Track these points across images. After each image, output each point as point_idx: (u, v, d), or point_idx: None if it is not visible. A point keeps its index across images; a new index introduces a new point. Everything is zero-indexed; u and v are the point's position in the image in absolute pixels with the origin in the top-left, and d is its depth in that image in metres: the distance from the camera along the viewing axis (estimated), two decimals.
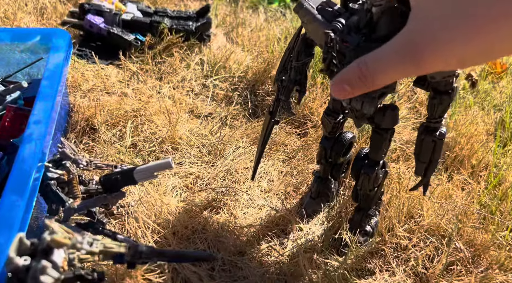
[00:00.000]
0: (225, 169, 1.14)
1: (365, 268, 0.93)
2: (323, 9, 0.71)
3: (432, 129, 0.75)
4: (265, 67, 1.51)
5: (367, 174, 0.84)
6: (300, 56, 0.81)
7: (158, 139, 1.20)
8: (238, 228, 0.97)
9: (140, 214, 0.93)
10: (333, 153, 0.95)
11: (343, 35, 0.65)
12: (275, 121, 0.92)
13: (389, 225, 0.98)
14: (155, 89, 1.42)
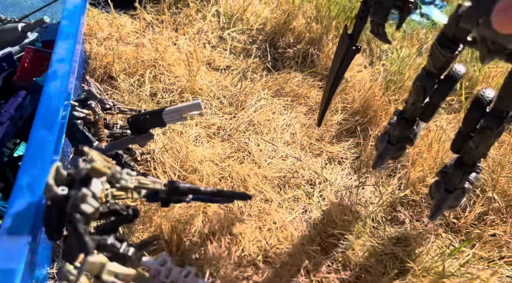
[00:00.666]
0: (247, 121, 1.11)
1: (394, 218, 0.92)
2: None
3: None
4: (285, 19, 1.45)
5: (490, 128, 0.63)
6: None
7: (178, 89, 1.16)
8: (264, 176, 0.95)
9: (166, 160, 0.91)
10: (436, 94, 0.70)
11: None
12: (356, 48, 0.69)
13: (421, 175, 0.96)
14: (171, 40, 1.37)
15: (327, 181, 1.00)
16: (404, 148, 0.80)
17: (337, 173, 1.02)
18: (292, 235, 0.81)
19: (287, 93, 1.23)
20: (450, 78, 0.68)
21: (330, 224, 0.85)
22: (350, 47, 0.68)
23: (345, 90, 1.22)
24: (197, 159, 0.92)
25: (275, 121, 1.13)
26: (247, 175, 0.92)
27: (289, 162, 1.02)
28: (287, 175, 0.98)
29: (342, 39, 0.70)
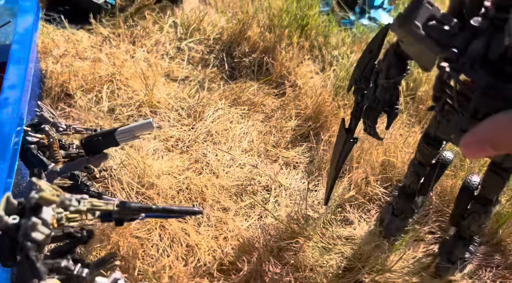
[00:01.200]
0: (205, 131, 1.15)
1: (344, 218, 0.98)
2: (433, 27, 0.52)
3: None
4: (240, 28, 1.49)
5: (478, 213, 0.74)
6: (391, 72, 0.62)
7: (136, 103, 1.19)
8: (221, 186, 0.99)
9: (123, 176, 0.94)
10: (429, 177, 0.81)
11: (465, 68, 0.50)
12: (354, 140, 0.74)
13: (365, 176, 1.03)
14: (129, 53, 1.40)
15: (282, 186, 1.05)
16: (408, 219, 0.89)
17: (291, 177, 1.08)
18: (247, 242, 0.85)
19: (244, 102, 1.28)
20: (440, 164, 0.79)
21: (283, 228, 0.90)
22: (347, 140, 0.74)
23: (298, 97, 1.28)
24: (155, 173, 0.95)
25: (232, 130, 1.18)
26: (205, 186, 0.96)
27: (246, 170, 1.07)
28: (244, 183, 1.03)
29: (340, 132, 0.76)
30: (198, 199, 0.93)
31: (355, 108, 0.73)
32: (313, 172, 1.10)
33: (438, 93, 0.61)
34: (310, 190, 1.04)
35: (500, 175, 0.67)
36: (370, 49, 0.67)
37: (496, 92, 0.49)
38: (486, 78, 0.48)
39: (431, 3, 0.55)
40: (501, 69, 0.48)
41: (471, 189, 0.76)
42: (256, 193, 1.02)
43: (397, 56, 0.61)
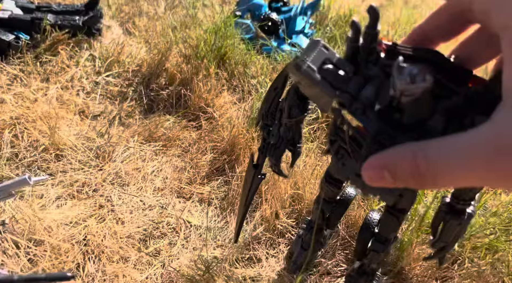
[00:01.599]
0: (114, 172, 1.11)
1: (252, 256, 0.96)
2: (328, 71, 0.53)
3: (458, 210, 0.64)
4: (159, 60, 1.47)
5: (377, 252, 0.76)
6: (293, 111, 0.63)
7: (40, 147, 1.14)
8: (123, 233, 0.96)
9: (14, 232, 0.89)
10: (333, 216, 0.83)
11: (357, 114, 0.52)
12: (261, 176, 0.74)
13: (274, 211, 1.02)
14: (41, 92, 1.35)
15: (193, 226, 1.03)
16: (316, 252, 0.90)
17: (204, 215, 1.06)
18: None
19: (159, 137, 1.25)
20: (344, 201, 0.82)
21: (183, 276, 0.88)
22: (255, 176, 0.74)
23: (215, 130, 1.27)
24: (49, 225, 0.91)
25: (144, 169, 1.15)
26: (104, 237, 0.93)
27: (155, 212, 1.04)
28: (150, 227, 1.00)
29: (248, 168, 0.76)
30: (95, 251, 0.90)
31: (262, 144, 0.72)
32: (226, 208, 1.08)
33: (333, 137, 0.60)
34: (220, 229, 1.02)
35: (396, 216, 0.69)
36: (275, 86, 0.66)
37: (385, 139, 0.49)
38: (376, 124, 0.49)
39: (326, 47, 0.56)
40: (391, 116, 0.49)
41: (371, 227, 0.78)
42: (164, 237, 0.99)
43: (298, 96, 0.61)
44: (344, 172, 0.62)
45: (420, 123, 0.46)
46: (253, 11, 1.73)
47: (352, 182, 0.62)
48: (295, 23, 1.65)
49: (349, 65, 0.52)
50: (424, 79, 0.43)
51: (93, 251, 0.90)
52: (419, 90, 0.43)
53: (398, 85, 0.44)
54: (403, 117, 0.47)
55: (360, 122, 0.50)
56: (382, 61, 0.56)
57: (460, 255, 0.95)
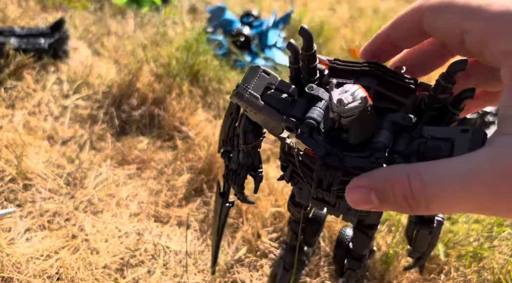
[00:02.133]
0: (86, 200, 1.06)
1: (236, 280, 0.93)
2: (271, 96, 0.53)
3: (427, 219, 0.63)
4: (130, 80, 1.44)
5: (353, 270, 0.75)
6: (248, 137, 0.62)
7: (7, 177, 1.08)
8: (98, 263, 0.91)
9: None
10: (307, 234, 0.82)
11: (304, 137, 0.51)
12: (229, 204, 0.73)
13: (255, 231, 0.99)
14: (7, 119, 1.29)
15: (172, 251, 0.99)
16: (300, 271, 0.89)
17: (183, 240, 1.02)
18: None
19: (133, 160, 1.21)
20: (315, 220, 0.80)
21: None
22: (223, 203, 0.72)
23: (191, 149, 1.23)
24: (17, 262, 0.85)
25: (119, 194, 1.10)
26: (78, 269, 0.87)
27: (132, 238, 1.00)
28: (126, 255, 0.95)
29: (216, 196, 0.74)
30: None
31: (226, 171, 0.69)
32: (207, 230, 1.04)
33: (284, 162, 0.59)
34: (200, 253, 0.98)
35: (364, 233, 0.67)
36: (230, 111, 0.64)
37: (335, 161, 0.48)
38: (323, 147, 0.47)
39: (267, 72, 0.54)
40: (338, 137, 0.48)
41: (345, 243, 0.76)
42: (142, 265, 0.95)
43: (250, 121, 0.60)
44: (303, 196, 0.61)
45: (367, 141, 0.44)
46: (225, 26, 1.72)
47: (313, 204, 0.60)
48: (268, 37, 1.65)
49: (291, 86, 0.52)
50: (359, 99, 0.42)
51: (68, 281, 0.85)
52: (356, 111, 0.42)
53: (334, 107, 0.43)
54: (348, 137, 0.47)
55: (307, 145, 0.49)
56: (326, 79, 0.54)
57: (445, 265, 0.94)
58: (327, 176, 0.51)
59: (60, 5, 2.01)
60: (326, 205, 0.57)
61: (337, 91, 0.43)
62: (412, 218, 0.65)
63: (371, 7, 2.45)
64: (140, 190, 1.13)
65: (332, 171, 0.49)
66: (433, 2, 0.36)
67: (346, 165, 0.49)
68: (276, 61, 1.60)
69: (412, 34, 0.43)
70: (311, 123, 0.48)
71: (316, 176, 0.52)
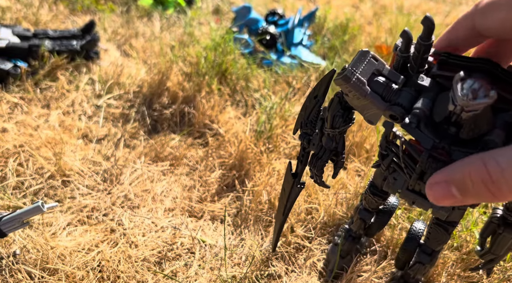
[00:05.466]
0: (122, 195, 1.09)
1: (271, 272, 0.94)
2: (378, 83, 0.52)
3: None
4: (159, 79, 1.46)
5: (423, 264, 0.75)
6: (336, 121, 0.61)
7: (46, 174, 1.11)
8: (138, 257, 0.93)
9: (27, 263, 0.86)
10: (375, 225, 0.81)
11: (410, 129, 0.49)
12: (301, 186, 0.72)
13: (289, 225, 1.00)
14: (43, 118, 1.33)
15: (208, 245, 1.00)
16: (352, 259, 0.89)
17: (218, 233, 1.03)
18: None
19: (166, 157, 1.23)
20: (386, 212, 0.80)
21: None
22: (294, 185, 0.72)
23: (221, 146, 1.25)
24: (61, 254, 0.88)
25: (153, 189, 1.13)
26: (118, 261, 0.90)
27: (168, 233, 1.02)
28: (164, 248, 0.97)
29: (286, 177, 0.74)
30: (111, 277, 0.87)
31: (301, 153, 0.70)
32: (240, 224, 1.06)
33: (385, 151, 0.58)
34: (235, 246, 1.00)
35: (445, 229, 0.67)
36: (315, 94, 0.65)
37: (441, 155, 0.48)
38: (431, 139, 0.47)
39: (376, 58, 0.54)
40: (446, 130, 0.47)
41: (417, 238, 0.76)
42: (179, 258, 0.97)
43: (342, 106, 0.60)
44: (395, 186, 0.61)
45: (478, 138, 0.43)
46: (250, 26, 1.74)
47: (403, 196, 0.60)
48: (293, 35, 1.65)
49: (400, 76, 0.52)
50: (488, 95, 0.42)
51: (108, 277, 0.87)
52: (481, 106, 0.42)
53: (459, 100, 0.42)
54: (461, 131, 0.46)
55: (414, 136, 0.49)
56: (434, 72, 0.54)
57: None
58: (431, 168, 0.50)
59: (88, 9, 2.06)
60: (419, 198, 0.56)
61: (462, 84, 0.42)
62: (494, 220, 0.64)
63: (395, 4, 2.43)
64: (174, 185, 1.15)
65: (439, 164, 0.48)
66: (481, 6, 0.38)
67: (454, 159, 0.49)
68: (302, 58, 1.61)
69: (468, 38, 0.44)
70: (419, 113, 0.48)
71: (419, 168, 0.52)
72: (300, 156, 0.72)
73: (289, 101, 1.35)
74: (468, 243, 0.94)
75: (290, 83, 1.50)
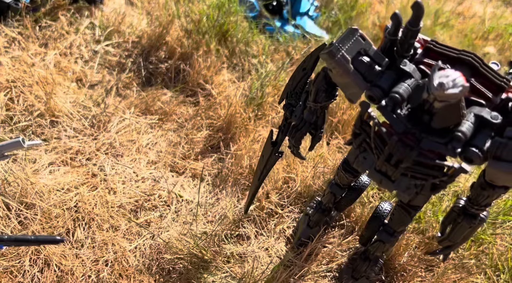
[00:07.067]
0: (108, 142, 1.11)
1: (241, 233, 0.97)
2: (362, 63, 0.53)
3: (471, 214, 0.64)
4: (160, 32, 1.45)
5: (383, 242, 0.78)
6: (319, 96, 0.63)
7: (36, 112, 1.13)
8: (115, 203, 0.96)
9: (6, 194, 0.89)
10: (345, 200, 0.85)
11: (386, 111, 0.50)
12: (279, 154, 0.74)
13: (265, 191, 1.03)
14: (39, 57, 1.33)
15: (184, 201, 1.03)
16: (320, 230, 0.92)
17: (196, 191, 1.06)
18: (128, 265, 0.83)
19: (156, 110, 1.24)
20: (356, 189, 0.83)
21: (172, 247, 0.88)
22: (273, 153, 0.74)
23: (212, 107, 1.26)
24: (40, 191, 0.91)
25: (139, 141, 1.15)
26: (95, 205, 0.93)
27: (147, 184, 1.04)
28: (141, 198, 1.00)
29: (267, 144, 0.75)
30: (86, 218, 0.90)
31: (283, 123, 0.72)
32: (219, 185, 1.09)
33: (358, 130, 0.61)
34: (211, 205, 1.03)
35: (408, 212, 0.70)
36: (304, 66, 0.66)
37: (411, 140, 0.49)
38: (403, 124, 0.48)
39: (363, 37, 0.55)
40: (420, 118, 0.49)
41: (382, 217, 0.79)
42: (155, 209, 1.00)
43: (327, 82, 0.61)
44: (364, 165, 0.63)
45: (448, 128, 0.45)
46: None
47: (370, 175, 0.62)
48: (300, 4, 1.63)
49: (384, 58, 0.53)
50: (461, 87, 0.43)
51: (83, 218, 0.90)
52: (453, 97, 0.43)
53: (433, 89, 0.44)
54: (432, 121, 0.48)
55: (388, 119, 0.51)
56: (418, 58, 0.55)
57: None
58: (399, 152, 0.52)
59: None
60: (385, 179, 0.59)
61: (439, 74, 0.43)
62: (455, 209, 0.66)
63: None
64: (160, 140, 1.17)
65: (407, 149, 0.50)
66: None
67: (421, 147, 0.51)
68: (306, 29, 1.59)
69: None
70: (396, 97, 0.49)
71: (387, 150, 0.54)
72: (281, 126, 0.73)
73: (285, 70, 1.34)
74: (433, 229, 0.97)
75: (290, 53, 1.49)
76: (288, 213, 1.02)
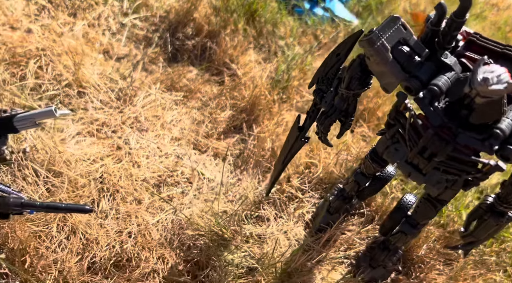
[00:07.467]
0: (133, 116, 1.12)
1: (261, 214, 0.98)
2: (402, 52, 0.52)
3: (499, 212, 0.63)
4: (188, 8, 1.44)
5: (405, 234, 0.77)
6: (353, 83, 0.61)
7: (63, 82, 1.14)
8: (139, 176, 0.97)
9: (35, 161, 0.91)
10: (368, 190, 0.84)
11: (423, 104, 0.49)
12: (305, 139, 0.74)
13: (287, 175, 1.03)
14: (68, 26, 1.33)
15: (206, 179, 1.04)
16: (339, 217, 0.91)
17: (218, 170, 1.07)
18: (151, 238, 0.85)
19: (181, 87, 1.25)
20: (381, 179, 0.82)
21: (194, 224, 0.90)
22: (299, 138, 0.73)
23: (237, 87, 1.26)
24: (67, 160, 0.93)
25: (164, 117, 1.15)
26: (119, 177, 0.94)
27: (171, 160, 1.05)
28: (165, 174, 1.01)
29: (293, 128, 0.74)
30: (111, 190, 0.92)
31: (312, 108, 0.72)
32: (240, 165, 1.09)
33: (392, 121, 0.60)
34: (232, 185, 1.04)
35: (434, 206, 0.69)
36: (338, 52, 0.65)
37: (447, 134, 0.49)
38: (441, 118, 0.47)
39: (405, 26, 0.54)
40: (458, 112, 0.48)
41: (406, 209, 0.79)
42: (177, 185, 1.01)
43: (362, 69, 0.60)
44: (395, 156, 0.62)
45: (486, 125, 0.44)
46: None
47: (400, 167, 0.61)
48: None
49: (425, 49, 0.52)
50: (506, 83, 0.41)
51: (108, 189, 0.92)
52: (497, 93, 0.42)
53: (476, 84, 0.42)
54: (472, 115, 0.47)
55: (424, 112, 0.50)
56: (460, 51, 0.53)
57: None
58: (434, 146, 0.51)
59: None
60: (414, 171, 0.58)
61: (483, 69, 0.42)
62: (483, 206, 0.65)
63: None
64: (184, 117, 1.18)
65: (442, 143, 0.50)
66: None
67: (457, 142, 0.50)
68: (335, 13, 1.56)
69: None
70: (435, 90, 0.48)
71: (422, 143, 0.53)
72: (310, 111, 0.73)
73: (312, 54, 1.33)
74: (454, 224, 0.97)
75: (318, 36, 1.47)
76: (309, 198, 1.02)
